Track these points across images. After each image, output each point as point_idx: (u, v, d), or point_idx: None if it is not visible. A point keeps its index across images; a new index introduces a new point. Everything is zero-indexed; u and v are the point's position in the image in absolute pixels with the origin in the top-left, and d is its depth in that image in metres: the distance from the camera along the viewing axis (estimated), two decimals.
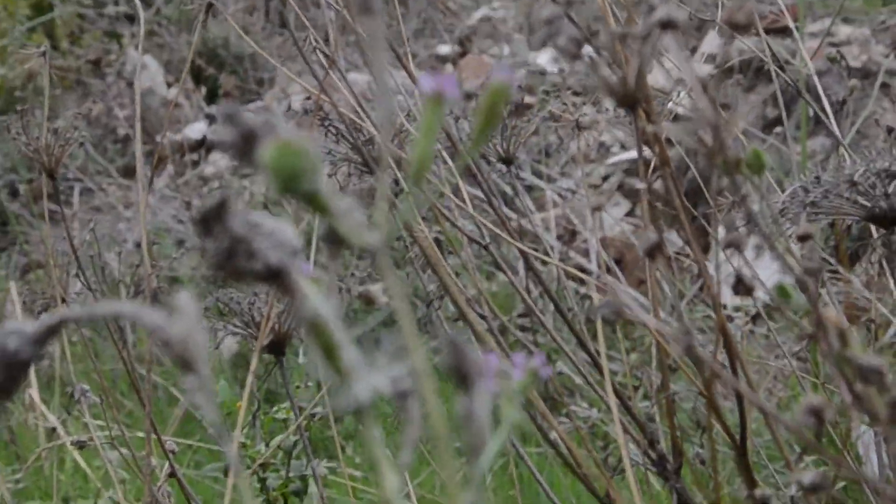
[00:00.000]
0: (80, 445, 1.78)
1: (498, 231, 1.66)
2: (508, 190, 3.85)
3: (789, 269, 0.89)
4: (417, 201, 0.55)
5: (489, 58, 4.69)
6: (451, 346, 0.54)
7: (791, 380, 3.19)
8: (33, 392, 2.08)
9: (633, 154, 4.41)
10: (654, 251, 0.86)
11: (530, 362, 0.62)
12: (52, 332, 0.54)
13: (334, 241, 0.53)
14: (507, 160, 1.70)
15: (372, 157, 1.60)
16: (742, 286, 0.89)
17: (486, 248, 1.67)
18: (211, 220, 0.51)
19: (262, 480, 1.89)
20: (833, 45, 5.00)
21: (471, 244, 1.85)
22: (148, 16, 6.31)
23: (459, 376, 0.54)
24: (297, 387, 1.93)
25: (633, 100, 0.97)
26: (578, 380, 3.35)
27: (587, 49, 0.99)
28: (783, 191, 1.52)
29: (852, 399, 0.70)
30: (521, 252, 1.76)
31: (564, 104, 1.96)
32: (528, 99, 4.63)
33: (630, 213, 4.37)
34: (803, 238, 1.07)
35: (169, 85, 5.75)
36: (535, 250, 3.69)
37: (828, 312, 0.71)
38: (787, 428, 0.78)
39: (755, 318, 3.60)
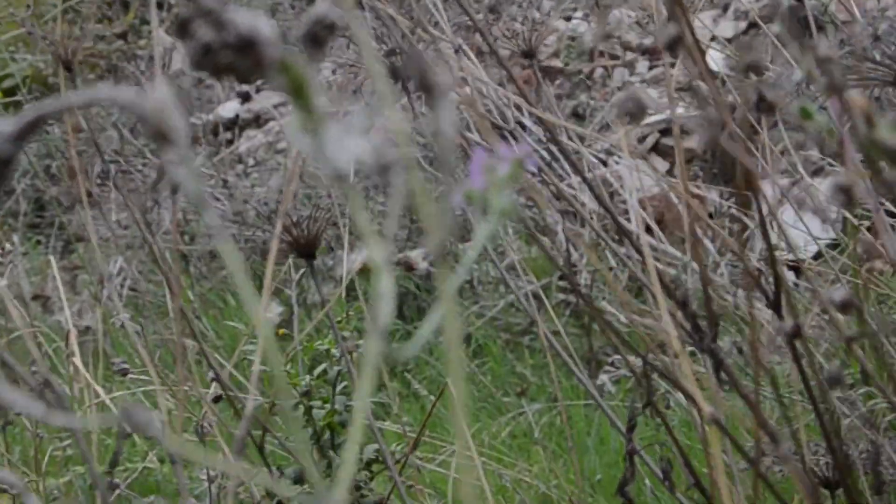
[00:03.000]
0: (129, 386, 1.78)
1: (551, 174, 1.64)
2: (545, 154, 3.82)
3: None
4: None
5: (520, 25, 4.67)
6: (412, 57, 0.54)
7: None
8: (76, 360, 2.08)
9: (667, 115, 4.38)
10: (675, 44, 0.86)
11: (515, 152, 0.64)
12: (30, 128, 0.55)
13: (314, 42, 0.53)
14: (530, 53, 1.68)
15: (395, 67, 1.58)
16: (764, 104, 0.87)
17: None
18: (189, 21, 0.52)
19: (308, 410, 1.87)
20: None
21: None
22: None
23: (424, 87, 0.54)
24: (340, 321, 1.91)
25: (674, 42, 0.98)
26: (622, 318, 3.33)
27: None
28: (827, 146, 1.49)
29: (880, 183, 0.69)
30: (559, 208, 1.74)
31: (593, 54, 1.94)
32: (558, 63, 4.57)
33: (668, 173, 4.34)
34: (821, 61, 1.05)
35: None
36: (574, 213, 3.66)
37: (853, 96, 0.70)
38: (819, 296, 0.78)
39: (798, 272, 3.58)
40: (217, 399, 1.70)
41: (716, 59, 4.13)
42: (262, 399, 1.74)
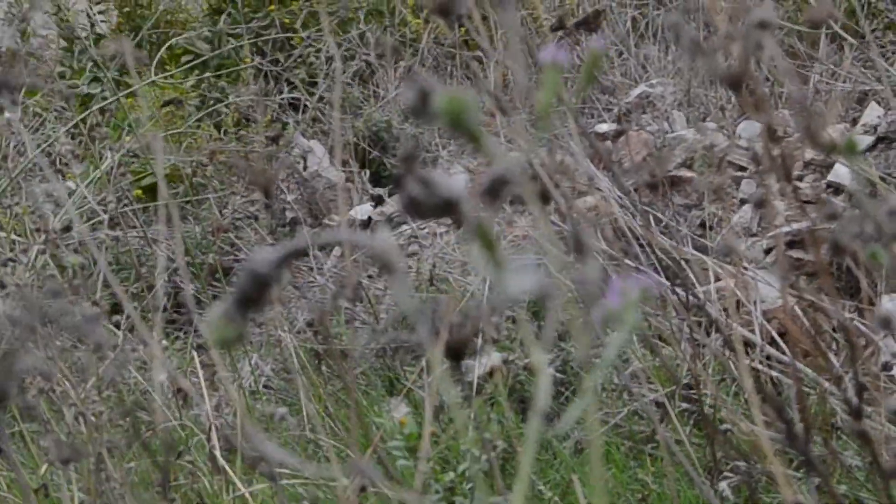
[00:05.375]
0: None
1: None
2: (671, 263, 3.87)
3: None
4: (541, 137, 0.76)
5: (648, 134, 4.75)
6: (574, 229, 0.72)
7: None
8: (217, 454, 2.18)
9: (795, 226, 4.42)
10: (763, 203, 0.98)
11: (642, 283, 0.80)
12: (289, 257, 0.74)
13: (493, 194, 0.71)
14: (654, 185, 1.76)
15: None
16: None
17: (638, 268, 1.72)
18: (403, 172, 0.70)
19: None
20: None
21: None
22: (312, 102, 6.50)
23: (578, 248, 0.72)
24: (487, 419, 2.00)
25: (737, 80, 1.12)
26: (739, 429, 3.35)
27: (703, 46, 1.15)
28: None
29: None
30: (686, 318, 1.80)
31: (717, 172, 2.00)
32: (687, 173, 4.62)
33: (793, 286, 4.36)
34: None
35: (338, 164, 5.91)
36: (700, 322, 3.69)
37: None
38: None
39: None
40: (362, 489, 1.78)
41: (843, 173, 4.17)
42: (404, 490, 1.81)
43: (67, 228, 3.38)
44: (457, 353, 1.65)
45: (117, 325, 3.76)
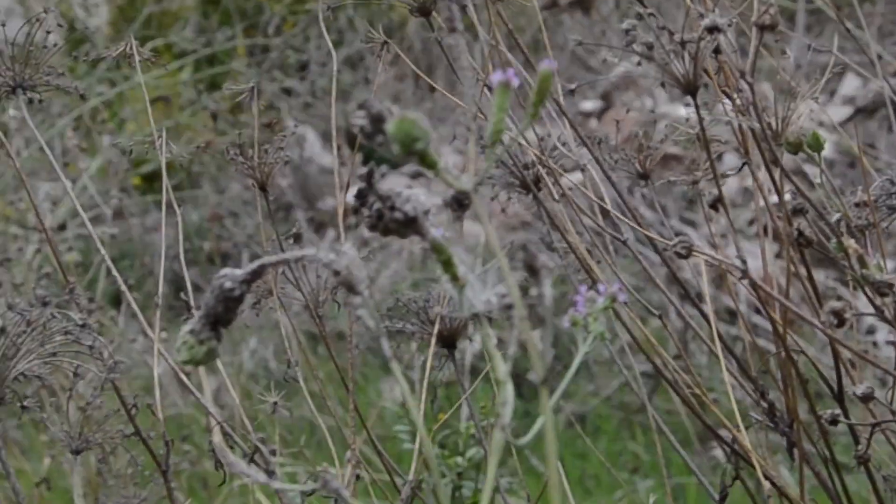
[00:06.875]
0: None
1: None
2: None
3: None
4: (496, 157, 0.77)
5: (632, 111, 4.82)
6: (525, 251, 0.74)
7: None
8: (216, 438, 2.24)
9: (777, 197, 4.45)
10: (688, 251, 1.06)
11: (610, 290, 0.83)
12: (256, 274, 0.75)
13: (457, 205, 0.75)
14: (645, 175, 1.83)
15: (527, 178, 1.75)
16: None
17: (624, 243, 1.79)
18: (365, 188, 0.74)
19: (457, 488, 2.05)
20: None
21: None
22: (304, 89, 6.57)
23: (531, 271, 0.74)
24: (483, 407, 2.09)
25: (693, 87, 1.21)
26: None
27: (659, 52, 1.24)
28: None
29: (872, 306, 0.89)
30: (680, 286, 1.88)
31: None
32: (671, 150, 4.76)
33: (779, 255, 4.44)
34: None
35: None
36: (687, 294, 3.80)
37: (848, 242, 0.91)
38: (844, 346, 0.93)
39: None
40: (357, 477, 1.85)
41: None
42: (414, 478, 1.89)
43: (63, 227, 3.44)
44: (450, 342, 1.71)
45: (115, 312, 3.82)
